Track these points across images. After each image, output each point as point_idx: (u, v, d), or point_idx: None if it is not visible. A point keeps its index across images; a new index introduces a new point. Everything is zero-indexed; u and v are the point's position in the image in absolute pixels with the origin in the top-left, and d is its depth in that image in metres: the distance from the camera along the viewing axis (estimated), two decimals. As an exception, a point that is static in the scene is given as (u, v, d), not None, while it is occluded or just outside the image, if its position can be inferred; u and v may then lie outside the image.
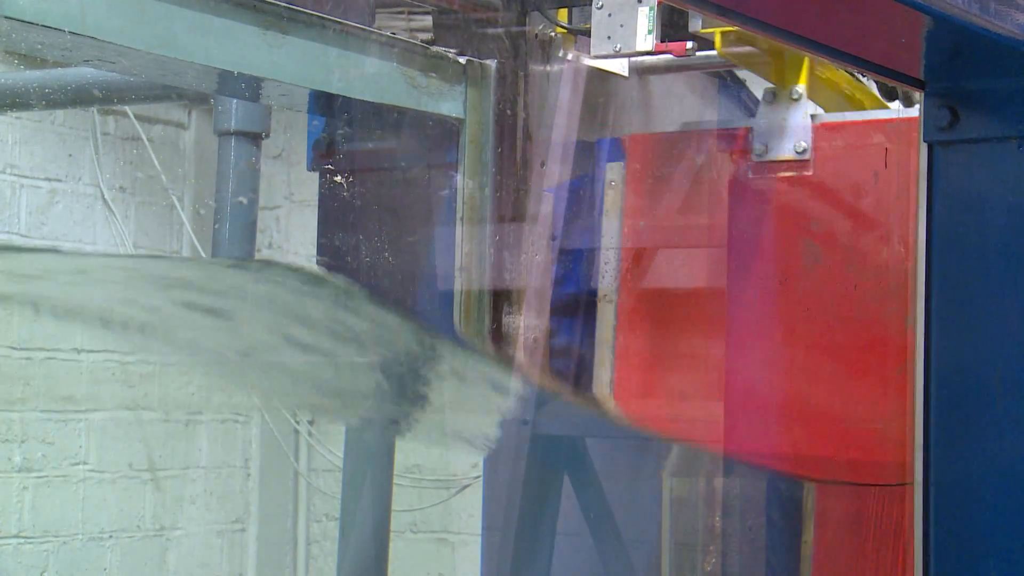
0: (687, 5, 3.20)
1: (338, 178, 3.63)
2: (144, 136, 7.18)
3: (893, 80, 3.02)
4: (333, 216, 3.66)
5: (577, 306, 3.69)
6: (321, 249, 3.66)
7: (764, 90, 3.62)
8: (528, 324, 3.51)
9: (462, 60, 3.46)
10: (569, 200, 3.67)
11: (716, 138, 3.67)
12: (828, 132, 3.55)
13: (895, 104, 3.85)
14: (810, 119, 3.56)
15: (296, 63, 3.13)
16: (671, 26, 3.51)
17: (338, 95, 3.36)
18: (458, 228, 3.45)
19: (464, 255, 3.46)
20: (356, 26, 3.26)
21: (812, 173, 3.55)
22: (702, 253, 3.74)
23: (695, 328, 3.68)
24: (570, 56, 3.63)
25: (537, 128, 3.57)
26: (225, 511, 7.57)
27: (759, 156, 3.58)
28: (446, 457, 7.10)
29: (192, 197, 7.37)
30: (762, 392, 3.64)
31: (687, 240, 3.74)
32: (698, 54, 3.53)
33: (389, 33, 3.37)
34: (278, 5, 3.06)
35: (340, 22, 3.20)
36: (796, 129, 3.56)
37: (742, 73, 3.93)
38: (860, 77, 3.79)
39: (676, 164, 3.70)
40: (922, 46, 2.72)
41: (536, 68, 3.57)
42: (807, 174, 3.56)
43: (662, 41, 3.45)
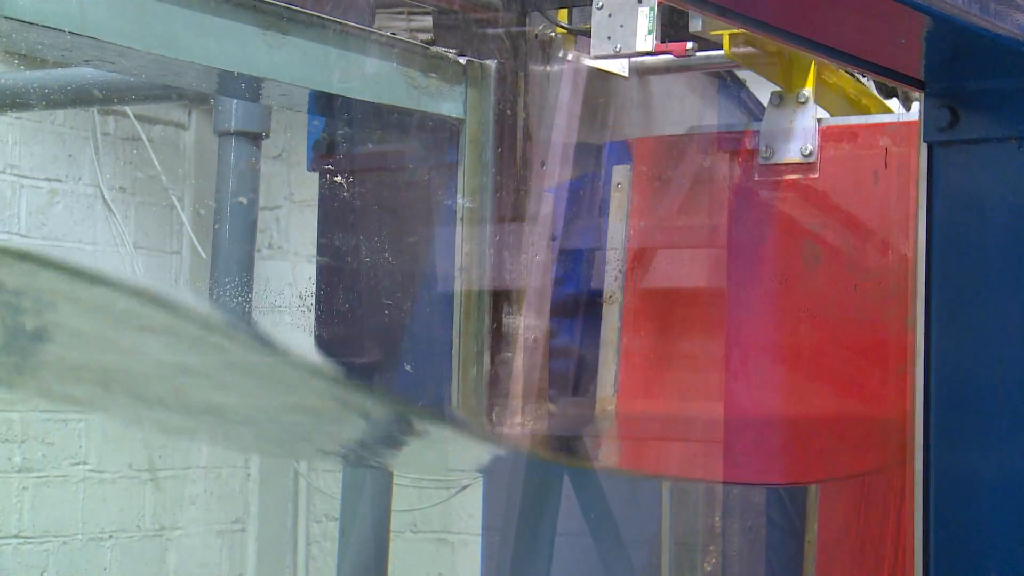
0: (687, 5, 3.21)
1: (338, 178, 3.63)
2: (144, 136, 7.17)
3: (893, 80, 3.02)
4: (333, 216, 3.66)
5: (577, 307, 3.69)
6: (321, 249, 3.66)
7: (771, 93, 3.62)
8: (528, 325, 3.51)
9: (462, 60, 3.46)
10: (569, 200, 3.67)
11: (722, 141, 3.67)
12: (834, 136, 3.56)
13: (893, 101, 3.86)
14: (816, 123, 3.56)
15: (296, 63, 3.13)
16: (671, 26, 3.51)
17: (338, 95, 3.36)
18: (458, 228, 3.45)
19: (464, 255, 3.45)
20: (356, 26, 3.26)
21: (818, 176, 3.56)
22: (707, 255, 3.74)
23: (701, 330, 3.68)
24: (570, 56, 3.63)
25: (537, 128, 3.57)
26: (225, 511, 7.56)
27: (765, 159, 3.58)
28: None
29: (192, 197, 7.36)
30: (762, 392, 3.64)
31: (693, 242, 3.75)
32: (698, 54, 3.53)
33: (389, 33, 3.37)
34: (278, 5, 3.05)
35: (340, 22, 3.20)
36: (802, 132, 3.56)
37: (742, 73, 3.93)
38: (859, 77, 3.79)
39: (682, 167, 3.71)
40: (922, 46, 2.72)
41: (536, 68, 3.57)
42: (813, 177, 3.56)
43: (662, 41, 3.45)
